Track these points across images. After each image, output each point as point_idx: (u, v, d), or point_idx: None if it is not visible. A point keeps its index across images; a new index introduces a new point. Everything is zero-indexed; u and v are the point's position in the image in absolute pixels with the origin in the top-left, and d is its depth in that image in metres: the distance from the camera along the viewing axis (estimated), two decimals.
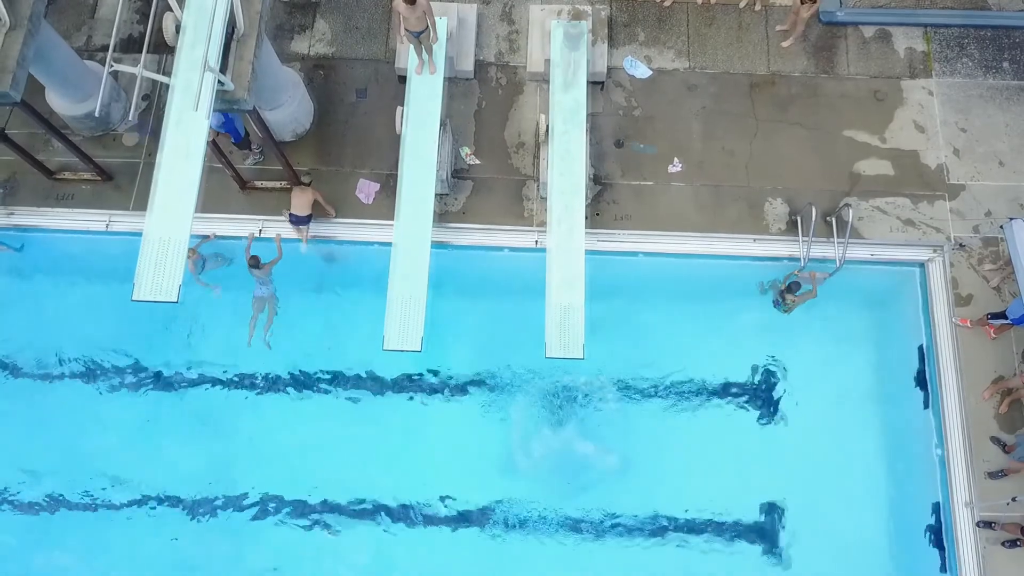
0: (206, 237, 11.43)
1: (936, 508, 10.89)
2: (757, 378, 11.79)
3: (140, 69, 8.88)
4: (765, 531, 11.28)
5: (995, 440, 10.70)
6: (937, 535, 10.85)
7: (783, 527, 11.28)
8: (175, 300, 8.57)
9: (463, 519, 11.35)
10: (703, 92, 12.41)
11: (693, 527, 11.29)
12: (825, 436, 11.45)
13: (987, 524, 10.34)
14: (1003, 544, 10.31)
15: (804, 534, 11.22)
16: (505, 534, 11.29)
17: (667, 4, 12.74)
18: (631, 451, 11.48)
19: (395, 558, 11.23)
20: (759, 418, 11.66)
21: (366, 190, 11.56)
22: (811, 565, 11.12)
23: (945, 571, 10.72)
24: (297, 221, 11.20)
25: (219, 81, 8.98)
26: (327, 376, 11.83)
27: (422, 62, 11.31)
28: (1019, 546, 10.25)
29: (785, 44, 12.52)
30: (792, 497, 11.36)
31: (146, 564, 11.22)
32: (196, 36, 9.03)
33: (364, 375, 11.85)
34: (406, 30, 10.67)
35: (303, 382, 11.83)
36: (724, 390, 11.78)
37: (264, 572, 11.26)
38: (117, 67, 8.89)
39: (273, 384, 11.83)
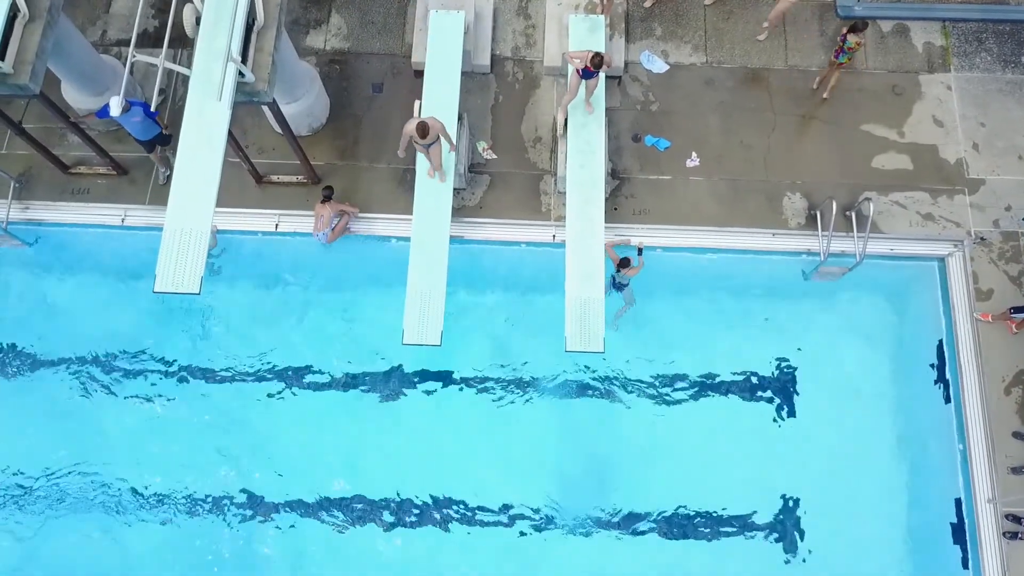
0: None
1: (958, 504, 10.81)
2: (775, 373, 11.69)
3: (161, 60, 8.84)
4: (783, 527, 11.18)
5: (1017, 435, 10.62)
6: (959, 531, 10.76)
7: (801, 523, 11.17)
8: (196, 292, 8.51)
9: (480, 517, 11.27)
10: (720, 86, 12.35)
11: (709, 523, 11.19)
12: (844, 432, 11.35)
13: (1016, 519, 10.26)
14: (1005, 535, 10.29)
15: (823, 530, 11.11)
16: (519, 530, 11.21)
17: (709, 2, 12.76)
18: (646, 446, 11.39)
19: (413, 557, 11.14)
20: (777, 414, 11.55)
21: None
22: (830, 562, 11.01)
23: (967, 567, 10.63)
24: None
25: (239, 73, 8.95)
26: (341, 372, 11.74)
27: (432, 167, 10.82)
28: (1021, 538, 10.23)
29: (760, 38, 12.54)
30: (810, 493, 11.25)
31: (154, 560, 11.16)
32: (216, 27, 8.99)
33: (379, 370, 11.77)
34: (414, 142, 10.17)
35: (316, 377, 11.74)
36: (741, 385, 11.67)
37: (275, 569, 11.19)
38: (140, 57, 8.84)
39: (286, 379, 11.74)
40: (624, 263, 10.40)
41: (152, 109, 9.30)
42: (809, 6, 12.72)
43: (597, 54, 10.06)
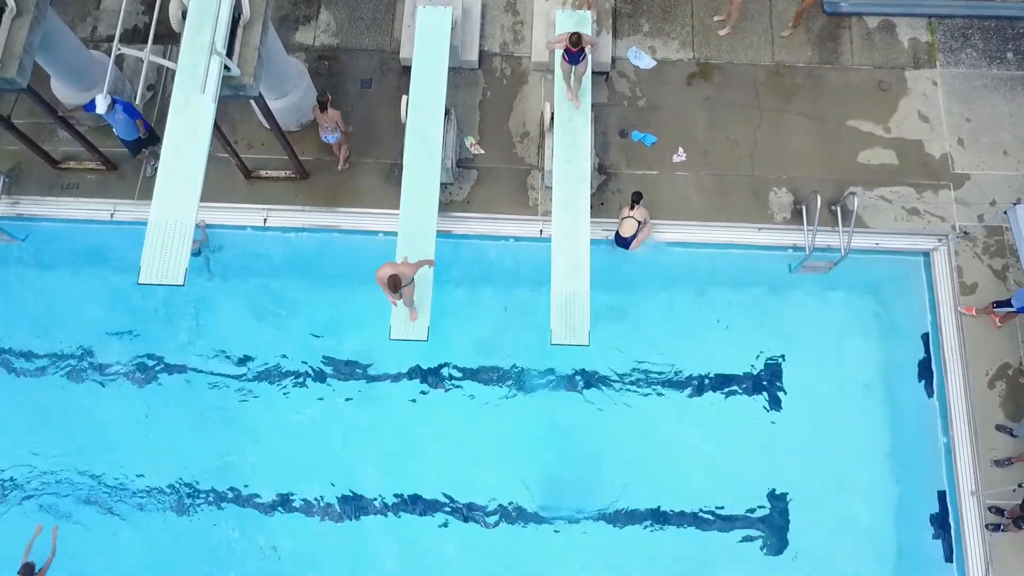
0: None
1: (941, 497, 10.87)
2: (760, 368, 11.72)
3: (146, 54, 8.90)
4: (768, 521, 11.20)
5: (1001, 428, 10.68)
6: (942, 524, 10.82)
7: (786, 517, 11.20)
8: (180, 283, 8.57)
9: (469, 513, 11.31)
10: (707, 82, 12.41)
11: (695, 519, 11.22)
12: (829, 425, 11.37)
13: (999, 511, 10.32)
14: (987, 527, 10.38)
15: (808, 524, 11.13)
16: (507, 526, 11.25)
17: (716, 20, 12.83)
18: (632, 442, 11.42)
19: (408, 556, 11.16)
20: (762, 408, 11.58)
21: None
22: (815, 555, 11.03)
23: (950, 560, 10.68)
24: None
25: (225, 67, 9.01)
26: (330, 367, 11.77)
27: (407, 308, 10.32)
28: (1003, 530, 10.30)
29: (722, 32, 12.64)
30: (795, 487, 11.26)
31: (151, 559, 11.19)
32: (202, 21, 9.06)
33: (367, 366, 11.79)
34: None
35: (305, 373, 11.78)
36: (727, 380, 11.69)
37: (269, 566, 11.23)
38: (124, 50, 8.91)
39: (272, 375, 11.77)
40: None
41: (137, 101, 9.33)
42: (795, 3, 12.76)
43: (574, 33, 10.24)
